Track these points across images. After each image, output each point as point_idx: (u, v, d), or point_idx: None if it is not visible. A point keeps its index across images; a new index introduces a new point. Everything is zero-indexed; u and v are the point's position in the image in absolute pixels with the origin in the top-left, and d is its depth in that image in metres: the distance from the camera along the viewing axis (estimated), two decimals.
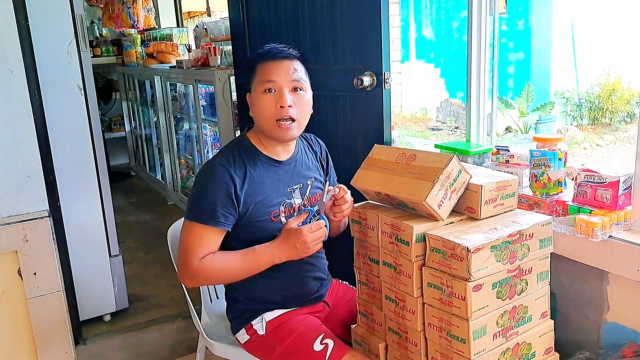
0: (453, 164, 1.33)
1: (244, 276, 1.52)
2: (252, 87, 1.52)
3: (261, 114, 1.48)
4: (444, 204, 1.33)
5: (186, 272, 1.49)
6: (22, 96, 1.89)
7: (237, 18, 2.58)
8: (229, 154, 1.52)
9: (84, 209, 2.35)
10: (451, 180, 1.33)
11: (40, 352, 1.95)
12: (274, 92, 1.47)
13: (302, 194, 1.59)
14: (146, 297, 2.77)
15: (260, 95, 1.48)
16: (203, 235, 1.46)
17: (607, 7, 6.31)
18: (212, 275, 1.50)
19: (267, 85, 1.47)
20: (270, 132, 1.50)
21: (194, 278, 1.51)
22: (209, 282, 1.61)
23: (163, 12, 5.86)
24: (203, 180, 1.49)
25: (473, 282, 1.22)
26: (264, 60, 1.49)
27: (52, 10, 2.17)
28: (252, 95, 1.52)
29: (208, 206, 1.45)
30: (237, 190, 1.46)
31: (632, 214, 1.54)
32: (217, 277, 1.56)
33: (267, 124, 1.49)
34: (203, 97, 3.69)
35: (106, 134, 5.06)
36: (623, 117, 6.47)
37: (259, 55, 1.52)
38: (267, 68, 1.48)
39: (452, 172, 1.33)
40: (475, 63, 1.99)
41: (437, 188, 1.31)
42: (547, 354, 1.45)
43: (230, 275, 1.53)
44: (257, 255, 1.49)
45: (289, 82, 1.48)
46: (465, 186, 1.37)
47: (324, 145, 1.73)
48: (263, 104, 1.47)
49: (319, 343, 1.51)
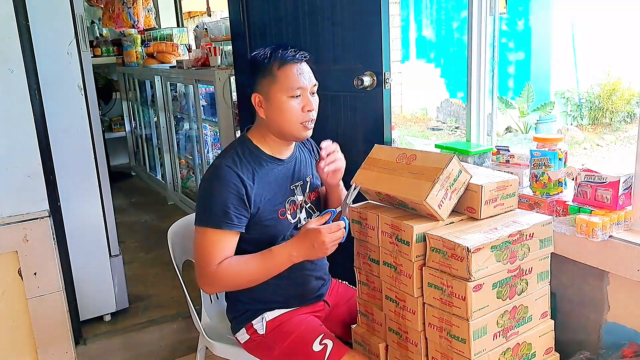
0: (453, 164, 1.33)
1: (263, 279, 1.49)
2: (268, 89, 1.47)
3: (287, 117, 1.47)
4: (444, 204, 1.33)
5: (205, 279, 1.47)
6: (22, 96, 1.89)
7: (237, 18, 2.59)
8: (233, 154, 1.51)
9: (84, 209, 2.35)
10: (451, 180, 1.33)
11: (40, 352, 1.95)
12: (299, 97, 1.48)
13: (303, 191, 1.61)
14: (146, 297, 2.77)
15: (287, 100, 1.46)
16: (218, 239, 1.45)
17: (607, 7, 6.30)
18: (231, 280, 1.48)
19: (295, 92, 1.46)
20: (294, 132, 1.50)
21: (213, 284, 1.50)
22: (229, 286, 1.55)
23: (163, 12, 5.86)
24: (210, 183, 1.47)
25: (473, 282, 1.22)
26: (287, 63, 1.46)
27: (52, 10, 2.17)
28: (271, 97, 1.47)
29: (220, 210, 1.43)
30: (247, 191, 1.46)
31: (632, 214, 1.54)
32: (236, 281, 1.51)
33: (292, 126, 1.49)
34: (203, 97, 3.69)
35: (106, 134, 5.07)
36: (623, 117, 6.47)
37: (279, 58, 1.46)
38: (292, 73, 1.46)
39: (453, 172, 1.33)
40: (475, 63, 2.00)
41: (437, 188, 1.31)
42: (547, 354, 1.45)
43: (249, 279, 1.50)
44: (274, 256, 1.47)
45: (312, 87, 1.50)
46: (466, 186, 1.36)
47: (312, 140, 1.74)
48: (291, 109, 1.47)
49: (318, 343, 1.51)
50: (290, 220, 1.57)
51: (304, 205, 1.61)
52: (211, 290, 1.55)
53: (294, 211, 1.58)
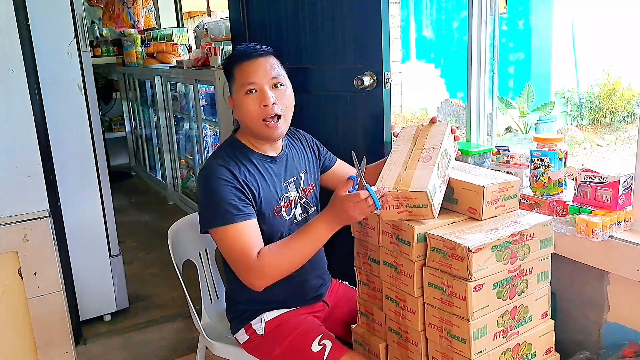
0: (421, 195, 1.28)
1: (309, 253, 1.41)
2: (232, 90, 1.53)
3: (246, 115, 1.49)
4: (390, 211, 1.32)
5: (252, 272, 1.39)
6: (22, 96, 1.89)
7: (237, 18, 2.58)
8: (223, 154, 1.52)
9: (84, 209, 2.35)
10: (411, 203, 1.31)
11: (40, 352, 1.95)
12: (255, 93, 1.48)
13: (296, 187, 1.61)
14: (146, 297, 2.77)
15: (243, 98, 1.48)
16: (240, 232, 1.41)
17: (607, 7, 6.30)
18: (279, 264, 1.39)
19: (248, 87, 1.47)
20: (258, 132, 1.51)
21: (264, 275, 1.39)
22: (280, 271, 1.41)
23: (163, 12, 5.86)
24: (205, 184, 1.47)
25: (474, 282, 1.22)
26: (240, 62, 1.49)
27: (53, 10, 2.17)
28: (235, 98, 1.52)
29: (224, 206, 1.41)
30: (242, 184, 1.46)
31: (633, 214, 1.54)
32: (284, 264, 1.40)
33: (255, 125, 1.49)
34: (203, 97, 3.69)
35: (106, 134, 5.07)
36: (623, 117, 6.47)
37: (234, 58, 1.52)
38: (244, 70, 1.48)
39: (416, 200, 1.29)
40: (475, 63, 1.99)
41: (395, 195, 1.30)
42: (547, 354, 1.45)
43: (296, 257, 1.40)
44: (312, 228, 1.39)
45: (268, 80, 1.48)
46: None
47: (305, 133, 1.74)
48: (247, 106, 1.48)
49: (317, 344, 1.50)
50: (285, 217, 1.56)
51: (298, 201, 1.60)
52: (264, 282, 1.40)
53: (289, 208, 1.57)
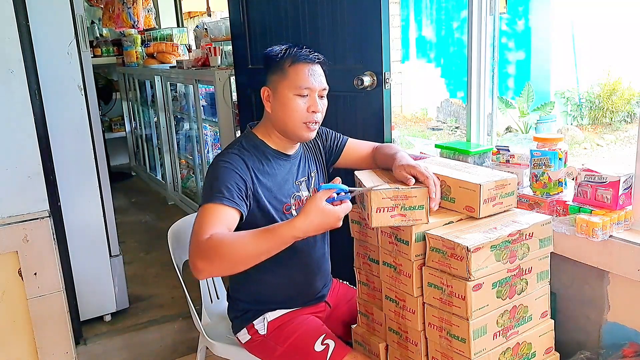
0: (419, 192, 1.31)
1: (260, 255, 1.28)
2: (278, 84, 1.49)
3: (291, 113, 1.48)
4: (382, 213, 1.31)
5: (194, 249, 1.30)
6: (22, 96, 1.89)
7: (237, 18, 2.58)
8: (239, 146, 1.52)
9: (84, 209, 2.35)
10: (406, 205, 1.31)
11: (40, 352, 1.95)
12: (306, 97, 1.48)
13: (308, 187, 1.62)
14: (146, 297, 2.77)
15: (293, 97, 1.47)
16: (217, 213, 1.36)
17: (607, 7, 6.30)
18: (223, 251, 1.27)
19: (302, 91, 1.47)
20: (296, 131, 1.51)
21: (203, 257, 1.27)
22: (220, 261, 1.28)
23: (163, 12, 5.86)
24: (215, 168, 1.46)
25: (473, 282, 1.22)
26: (299, 62, 1.48)
27: (53, 11, 2.17)
28: (280, 93, 1.49)
29: (222, 187, 1.40)
30: (252, 178, 1.46)
31: (633, 213, 1.53)
32: (227, 255, 1.27)
33: (295, 124, 1.49)
34: (203, 97, 3.69)
35: (106, 134, 5.07)
36: (623, 117, 6.47)
37: (292, 56, 1.48)
38: (303, 72, 1.47)
39: (414, 200, 1.31)
40: (475, 63, 1.99)
41: (389, 194, 1.30)
42: (547, 354, 1.45)
43: (244, 254, 1.27)
44: (275, 229, 1.27)
45: (320, 90, 1.50)
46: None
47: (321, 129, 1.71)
48: (295, 105, 1.47)
49: (320, 344, 1.51)
50: (294, 215, 1.56)
51: None
52: (205, 265, 1.27)
53: (299, 207, 1.58)
